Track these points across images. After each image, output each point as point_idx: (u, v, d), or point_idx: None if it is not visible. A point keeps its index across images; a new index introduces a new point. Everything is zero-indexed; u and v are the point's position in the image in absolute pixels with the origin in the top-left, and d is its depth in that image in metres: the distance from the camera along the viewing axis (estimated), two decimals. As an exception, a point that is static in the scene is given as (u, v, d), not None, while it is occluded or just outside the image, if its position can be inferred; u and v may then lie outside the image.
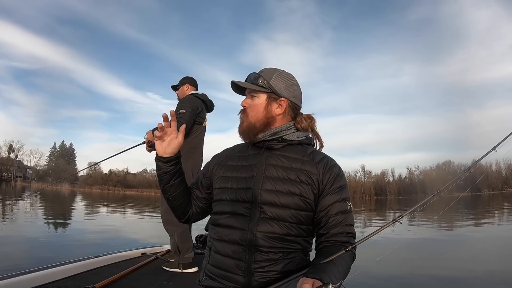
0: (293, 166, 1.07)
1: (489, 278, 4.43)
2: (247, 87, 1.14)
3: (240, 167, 1.12)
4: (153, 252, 2.91)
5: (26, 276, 1.83)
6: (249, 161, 1.12)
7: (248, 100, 1.15)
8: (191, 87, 2.91)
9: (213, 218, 1.14)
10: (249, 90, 1.15)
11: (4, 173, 64.74)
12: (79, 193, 37.92)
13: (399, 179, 70.79)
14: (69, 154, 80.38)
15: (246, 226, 1.03)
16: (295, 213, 1.02)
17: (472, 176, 1.30)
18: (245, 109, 1.15)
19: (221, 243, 1.06)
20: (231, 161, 1.16)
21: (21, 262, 4.51)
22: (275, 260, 1.00)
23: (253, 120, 1.13)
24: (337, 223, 1.03)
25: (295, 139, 1.12)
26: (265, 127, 1.12)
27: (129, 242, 6.83)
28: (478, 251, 6.57)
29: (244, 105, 1.15)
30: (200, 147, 2.83)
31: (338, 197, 1.05)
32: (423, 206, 1.15)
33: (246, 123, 1.14)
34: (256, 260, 1.00)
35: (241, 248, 1.02)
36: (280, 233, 1.01)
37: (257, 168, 1.09)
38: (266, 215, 1.02)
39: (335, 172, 1.08)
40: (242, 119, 1.15)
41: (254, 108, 1.13)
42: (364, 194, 67.76)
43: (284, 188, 1.04)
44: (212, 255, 1.09)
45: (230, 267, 1.02)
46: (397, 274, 4.71)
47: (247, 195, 1.05)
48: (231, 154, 1.19)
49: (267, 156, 1.10)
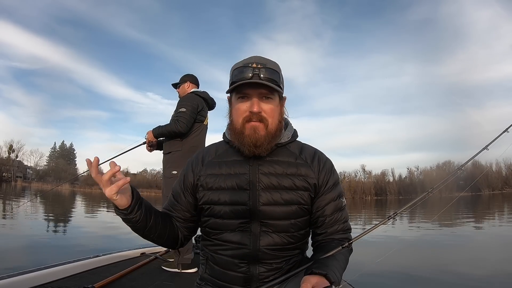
0: (288, 172, 0.99)
1: (490, 278, 4.42)
2: (277, 89, 0.95)
3: (226, 177, 1.00)
4: (152, 252, 2.91)
5: (25, 276, 1.82)
6: (235, 169, 1.00)
7: (265, 104, 0.96)
8: (192, 85, 2.88)
9: (206, 232, 1.05)
10: (267, 91, 0.95)
11: (4, 173, 64.79)
12: (79, 193, 37.90)
13: (399, 179, 71.04)
14: (69, 154, 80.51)
15: (247, 241, 0.97)
16: (294, 222, 0.99)
17: (472, 176, 1.33)
18: (260, 114, 0.95)
19: (221, 257, 1.01)
20: (211, 169, 1.02)
21: (21, 262, 4.50)
22: (279, 269, 0.99)
23: (273, 128, 0.97)
24: (334, 221, 1.01)
25: (285, 140, 1.04)
26: (278, 136, 1.00)
27: (128, 242, 6.82)
28: (479, 251, 6.56)
29: (260, 110, 0.95)
30: (202, 146, 2.78)
31: (333, 195, 1.02)
32: (416, 204, 1.17)
33: (263, 132, 0.95)
34: (261, 272, 0.98)
35: (244, 263, 0.98)
36: (282, 243, 0.99)
37: (250, 179, 0.98)
38: (267, 229, 0.98)
39: (328, 168, 1.04)
40: (254, 127, 0.95)
41: (272, 113, 0.97)
42: (364, 194, 67.80)
43: (282, 199, 0.97)
44: (211, 266, 1.04)
45: (233, 279, 0.99)
46: (398, 274, 4.70)
47: (243, 212, 0.97)
48: (209, 161, 1.05)
49: (259, 165, 0.99)
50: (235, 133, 0.99)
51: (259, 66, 0.94)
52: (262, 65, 0.95)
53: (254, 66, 0.94)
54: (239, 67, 0.96)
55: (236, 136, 0.98)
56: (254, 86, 0.94)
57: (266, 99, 0.96)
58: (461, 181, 2.42)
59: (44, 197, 23.13)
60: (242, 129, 0.96)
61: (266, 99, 0.96)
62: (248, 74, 0.93)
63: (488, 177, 61.10)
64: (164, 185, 2.69)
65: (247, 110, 0.95)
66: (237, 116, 0.98)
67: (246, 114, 0.96)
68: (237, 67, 0.97)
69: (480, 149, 1.34)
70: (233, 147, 1.03)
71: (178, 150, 2.65)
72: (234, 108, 0.99)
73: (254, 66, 0.94)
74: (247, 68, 0.94)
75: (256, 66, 0.94)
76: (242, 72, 0.94)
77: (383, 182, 70.30)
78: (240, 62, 0.98)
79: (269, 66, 0.96)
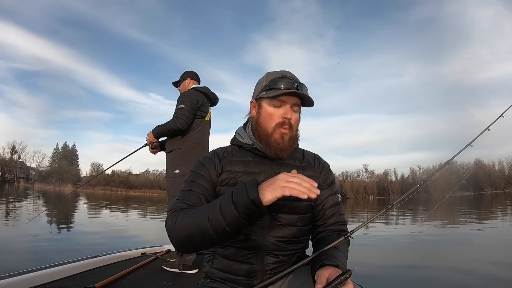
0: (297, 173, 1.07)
1: (491, 278, 4.40)
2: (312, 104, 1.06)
3: (242, 174, 1.05)
4: (153, 252, 2.91)
5: (26, 276, 1.82)
6: (250, 168, 1.06)
7: (294, 113, 1.06)
8: (192, 81, 2.83)
9: None
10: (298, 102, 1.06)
11: (7, 174, 65.16)
12: (81, 193, 38.05)
13: (402, 178, 70.68)
14: (72, 155, 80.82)
15: (257, 233, 1.01)
16: (302, 217, 1.06)
17: (474, 175, 1.37)
18: (290, 122, 1.04)
19: (229, 249, 1.04)
20: (227, 166, 1.07)
21: (21, 262, 4.52)
22: (284, 262, 1.04)
23: (295, 136, 1.08)
24: (333, 214, 1.10)
25: None
26: (296, 142, 1.10)
27: (129, 242, 6.83)
28: (479, 251, 6.53)
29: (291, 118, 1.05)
30: (204, 142, 2.75)
31: (330, 191, 1.13)
32: (411, 195, 1.27)
33: (289, 138, 1.05)
34: (268, 263, 1.02)
35: (253, 254, 1.02)
36: (290, 236, 1.04)
37: (266, 176, 1.04)
38: (277, 221, 1.03)
39: (327, 169, 1.16)
40: (283, 133, 1.04)
41: (297, 123, 1.08)
42: (367, 194, 67.64)
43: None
44: (218, 260, 1.06)
45: (240, 271, 1.02)
46: (399, 274, 4.69)
47: None
48: (225, 158, 1.09)
49: (273, 165, 1.08)
50: (263, 135, 1.05)
51: (302, 83, 1.04)
52: (302, 82, 1.04)
53: (293, 78, 1.04)
54: (282, 77, 1.04)
55: (264, 138, 1.05)
56: (291, 96, 1.03)
57: (295, 110, 1.06)
58: (464, 181, 2.41)
59: (47, 197, 23.24)
60: (273, 133, 1.04)
61: (295, 110, 1.06)
62: (293, 85, 1.01)
63: (490, 176, 60.88)
64: (169, 185, 2.65)
65: (281, 116, 1.04)
66: (270, 120, 1.05)
67: (280, 120, 1.04)
68: (279, 76, 1.04)
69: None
70: (246, 150, 1.10)
71: (179, 148, 2.62)
72: (267, 112, 1.05)
73: (293, 78, 1.04)
74: (289, 79, 1.03)
75: (294, 79, 1.04)
76: (286, 83, 1.02)
77: (386, 182, 70.07)
78: (275, 73, 1.07)
79: (302, 82, 1.05)
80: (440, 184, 2.01)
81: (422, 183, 1.29)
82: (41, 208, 15.09)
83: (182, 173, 2.52)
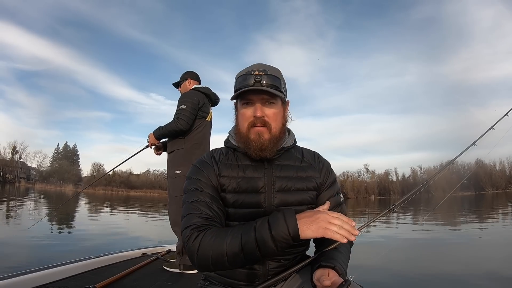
0: (298, 175, 1.05)
1: (491, 278, 4.39)
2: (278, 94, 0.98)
3: (241, 180, 1.01)
4: (153, 252, 2.90)
5: (26, 276, 1.82)
6: (249, 173, 1.02)
7: (267, 109, 1.00)
8: (193, 82, 2.82)
9: None
10: (268, 96, 0.99)
11: (8, 174, 65.29)
12: (82, 194, 38.06)
13: (403, 178, 70.78)
14: (73, 155, 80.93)
15: None
16: None
17: (475, 175, 1.36)
18: (263, 119, 0.99)
19: None
20: (225, 171, 1.02)
21: (22, 262, 4.52)
22: (285, 265, 1.03)
23: (277, 131, 1.01)
24: None
25: (290, 144, 1.09)
26: (282, 138, 1.05)
27: (129, 243, 6.83)
28: (480, 251, 6.51)
29: (263, 115, 0.99)
30: (205, 143, 2.73)
31: (332, 192, 1.10)
32: (413, 195, 1.25)
33: (267, 135, 0.99)
34: (270, 268, 1.02)
35: None
36: None
37: (266, 182, 1.01)
38: None
39: (327, 168, 1.12)
40: (258, 132, 0.99)
41: (275, 117, 1.01)
42: (368, 194, 67.63)
43: (295, 200, 1.02)
44: None
45: (241, 276, 1.01)
46: (400, 273, 4.68)
47: (258, 213, 0.98)
48: (223, 163, 1.04)
49: (272, 169, 1.03)
50: (241, 138, 1.03)
51: (260, 73, 0.99)
52: (263, 72, 0.99)
53: (256, 73, 0.99)
54: (242, 74, 1.01)
55: (242, 140, 1.02)
56: (257, 92, 0.98)
57: (269, 104, 1.00)
58: (465, 180, 2.43)
59: (48, 197, 23.26)
60: (247, 133, 1.01)
61: (269, 104, 1.00)
62: (251, 81, 0.98)
63: (492, 176, 60.80)
64: (170, 186, 2.65)
65: (251, 116, 1.00)
66: (243, 121, 1.02)
67: (250, 120, 1.00)
68: (241, 75, 1.02)
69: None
70: (241, 152, 1.05)
71: (180, 148, 2.61)
72: (240, 113, 1.04)
73: (256, 73, 0.99)
74: (249, 75, 0.99)
75: (258, 73, 0.99)
76: (245, 80, 0.99)
77: (387, 181, 70.10)
78: (243, 70, 1.03)
79: (270, 73, 1.00)
80: (441, 184, 2.01)
81: (425, 183, 1.28)
82: (43, 211, 15.09)
83: (183, 173, 2.51)
